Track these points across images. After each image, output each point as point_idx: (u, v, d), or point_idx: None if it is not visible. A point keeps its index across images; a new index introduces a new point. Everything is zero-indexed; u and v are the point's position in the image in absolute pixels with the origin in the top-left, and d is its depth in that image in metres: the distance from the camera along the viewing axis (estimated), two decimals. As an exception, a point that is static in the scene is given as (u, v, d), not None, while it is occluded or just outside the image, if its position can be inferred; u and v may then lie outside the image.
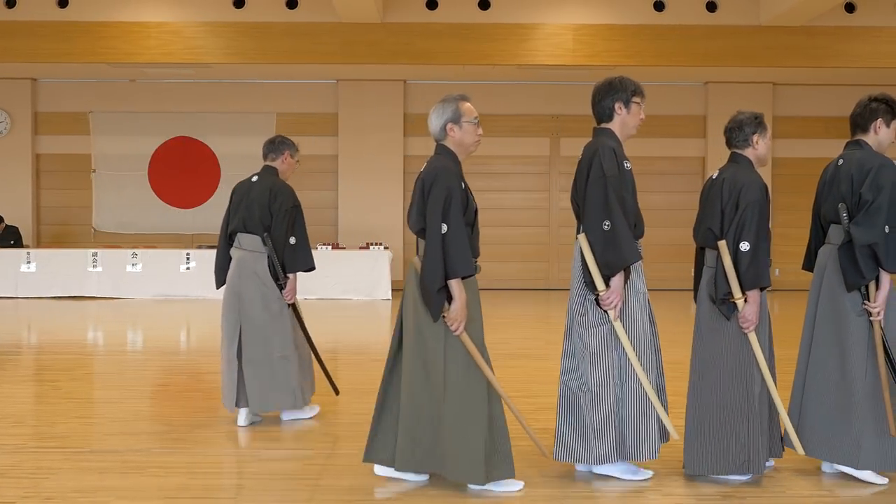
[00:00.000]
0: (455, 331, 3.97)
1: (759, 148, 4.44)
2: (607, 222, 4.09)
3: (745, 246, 4.15)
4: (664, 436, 4.29)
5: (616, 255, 4.07)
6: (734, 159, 4.47)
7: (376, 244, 13.54)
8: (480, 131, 4.24)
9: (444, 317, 3.98)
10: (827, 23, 13.10)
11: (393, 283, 13.62)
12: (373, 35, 12.95)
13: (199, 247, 13.65)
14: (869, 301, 4.17)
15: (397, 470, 4.18)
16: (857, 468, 4.23)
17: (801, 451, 4.32)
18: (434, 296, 3.93)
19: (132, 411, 5.89)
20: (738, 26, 13.14)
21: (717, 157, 14.71)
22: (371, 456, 4.27)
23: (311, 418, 5.63)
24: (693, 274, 4.59)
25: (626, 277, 4.17)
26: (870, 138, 4.39)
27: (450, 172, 4.04)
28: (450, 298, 3.97)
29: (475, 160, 14.84)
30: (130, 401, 6.23)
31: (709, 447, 4.22)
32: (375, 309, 12.23)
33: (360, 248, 13.61)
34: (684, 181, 15.01)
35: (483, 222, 15.66)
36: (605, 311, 4.16)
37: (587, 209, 4.16)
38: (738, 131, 4.45)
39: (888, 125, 4.37)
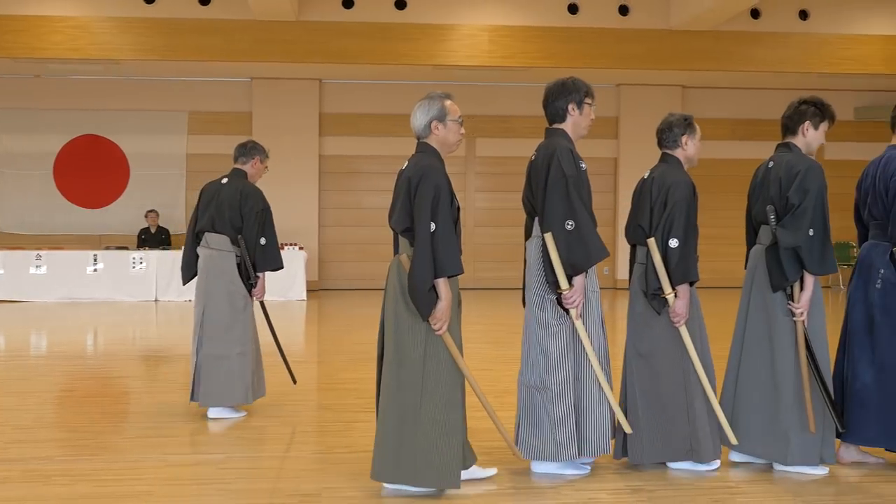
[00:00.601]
0: (438, 330, 3.94)
1: (688, 148, 4.58)
2: (570, 222, 4.13)
3: (673, 242, 4.26)
4: (614, 431, 4.35)
5: (582, 255, 4.11)
6: (664, 159, 4.58)
7: (291, 245, 13.37)
8: (463, 131, 4.21)
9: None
10: (734, 28, 13.49)
11: (308, 283, 13.48)
12: (287, 33, 12.79)
13: (108, 248, 13.27)
14: (793, 302, 4.28)
15: (373, 479, 4.04)
16: (785, 464, 4.33)
17: (733, 441, 4.40)
18: (424, 295, 3.88)
19: (35, 418, 5.67)
20: (650, 30, 13.41)
21: (630, 157, 15.02)
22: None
23: (234, 419, 5.56)
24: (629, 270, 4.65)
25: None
26: (798, 140, 4.50)
27: (437, 171, 4.00)
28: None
29: (390, 160, 14.83)
30: (33, 407, 6.00)
31: (651, 436, 4.30)
32: (290, 310, 12.08)
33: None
34: (597, 182, 15.16)
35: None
36: (565, 310, 4.20)
37: (549, 210, 4.17)
38: (668, 132, 4.56)
39: (816, 127, 4.49)
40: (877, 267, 4.43)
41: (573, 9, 13.35)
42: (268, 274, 5.77)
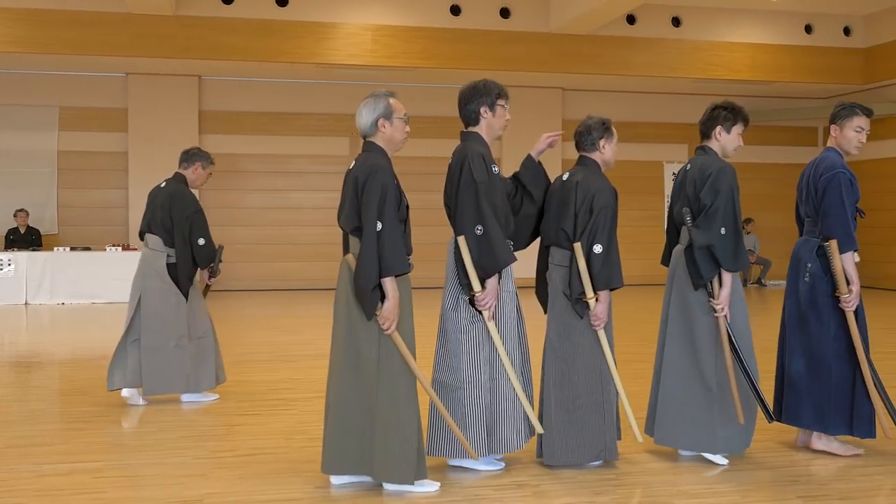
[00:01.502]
0: (387, 330, 3.93)
1: (606, 152, 4.65)
2: (479, 227, 4.17)
3: (598, 248, 4.35)
4: (530, 430, 4.39)
5: (490, 259, 4.15)
6: (583, 162, 4.66)
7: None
8: (408, 128, 4.20)
9: (376, 315, 3.93)
10: (611, 33, 13.87)
11: (189, 285, 13.14)
12: (165, 28, 12.44)
13: (-29, 249, 12.62)
14: (713, 299, 4.44)
15: (323, 471, 4.10)
16: (714, 453, 4.49)
17: (639, 438, 4.56)
18: (369, 294, 3.88)
19: None
20: (530, 32, 13.66)
21: (512, 158, 15.22)
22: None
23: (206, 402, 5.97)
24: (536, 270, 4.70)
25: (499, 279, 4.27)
26: (713, 144, 4.69)
27: (384, 170, 3.96)
28: (383, 297, 3.92)
29: (274, 159, 14.64)
30: None
31: (567, 439, 4.35)
32: (170, 312, 11.74)
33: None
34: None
35: (283, 222, 15.44)
36: (479, 311, 4.24)
37: (460, 215, 4.23)
38: (587, 135, 4.64)
39: (728, 131, 4.67)
40: (805, 261, 4.69)
41: (455, 10, 13.47)
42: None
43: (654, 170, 16.07)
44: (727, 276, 4.43)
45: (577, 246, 4.35)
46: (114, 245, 12.88)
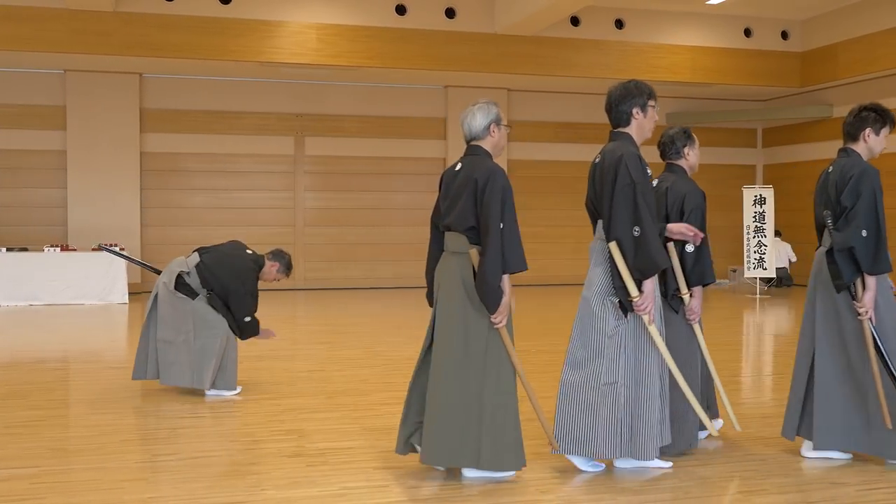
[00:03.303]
0: (498, 324, 4.10)
1: (690, 158, 4.94)
2: (637, 228, 4.16)
3: (689, 247, 4.66)
4: (665, 436, 4.38)
5: (648, 261, 4.14)
6: (671, 169, 4.94)
7: (110, 245, 12.76)
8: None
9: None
10: (555, 34, 13.99)
11: (130, 286, 12.93)
12: (104, 24, 12.21)
13: None
14: (857, 301, 4.42)
15: (423, 462, 4.24)
16: (892, 458, 4.45)
17: (737, 427, 4.87)
18: (495, 290, 4.04)
19: None
20: (475, 33, 13.70)
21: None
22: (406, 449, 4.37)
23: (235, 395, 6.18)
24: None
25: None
26: (859, 147, 4.63)
27: (502, 172, 4.17)
28: None
29: (217, 158, 14.47)
30: None
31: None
32: (111, 314, 11.55)
33: (93, 249, 12.78)
34: (425, 181, 15.42)
35: (227, 222, 15.23)
36: (624, 312, 4.24)
37: (616, 216, 4.18)
38: (671, 145, 4.94)
39: (877, 133, 4.62)
40: None
41: (401, 10, 13.46)
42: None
43: (597, 170, 16.19)
44: (870, 280, 4.38)
45: (671, 245, 4.62)
46: (52, 246, 12.61)
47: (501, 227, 4.06)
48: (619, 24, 14.41)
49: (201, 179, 14.50)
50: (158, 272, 6.51)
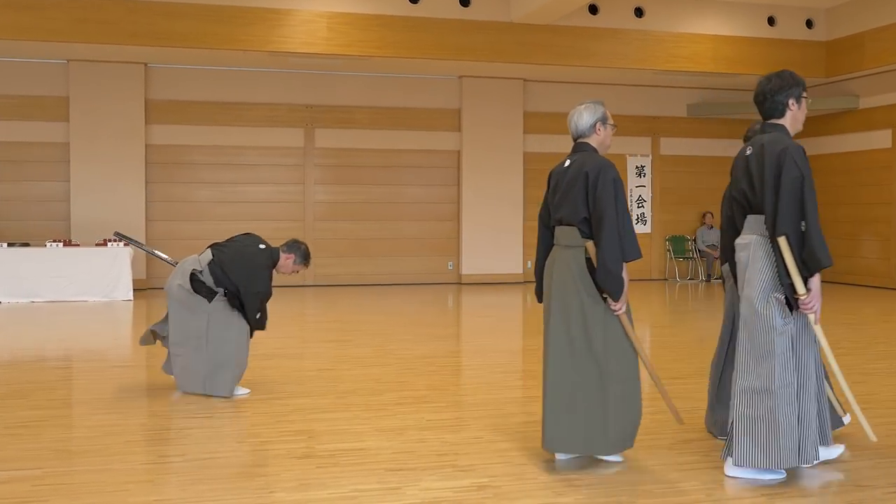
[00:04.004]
0: (618, 310, 4.36)
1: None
2: (803, 223, 4.11)
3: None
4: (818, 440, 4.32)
5: (813, 257, 4.09)
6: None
7: (115, 240, 12.78)
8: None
9: (604, 298, 4.37)
10: (572, 23, 13.92)
11: (135, 282, 12.94)
12: (108, 12, 12.22)
13: None
14: None
15: (545, 448, 4.50)
16: None
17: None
18: (618, 278, 4.29)
19: None
20: (491, 22, 13.64)
21: (472, 150, 15.24)
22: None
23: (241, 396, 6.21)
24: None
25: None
26: None
27: (612, 166, 4.42)
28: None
29: (224, 151, 14.47)
30: None
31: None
32: (115, 311, 11.56)
33: (97, 244, 12.81)
34: (439, 174, 15.39)
35: (235, 216, 15.20)
36: (790, 309, 4.19)
37: (783, 210, 4.11)
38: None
39: None
40: None
41: (414, -2, 13.41)
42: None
43: (617, 163, 15.76)
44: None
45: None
46: (54, 241, 12.63)
47: (616, 217, 4.32)
48: (639, 12, 14.32)
49: (208, 173, 14.50)
50: (174, 264, 6.50)
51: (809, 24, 15.10)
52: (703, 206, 16.54)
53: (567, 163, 4.55)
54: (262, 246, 6.31)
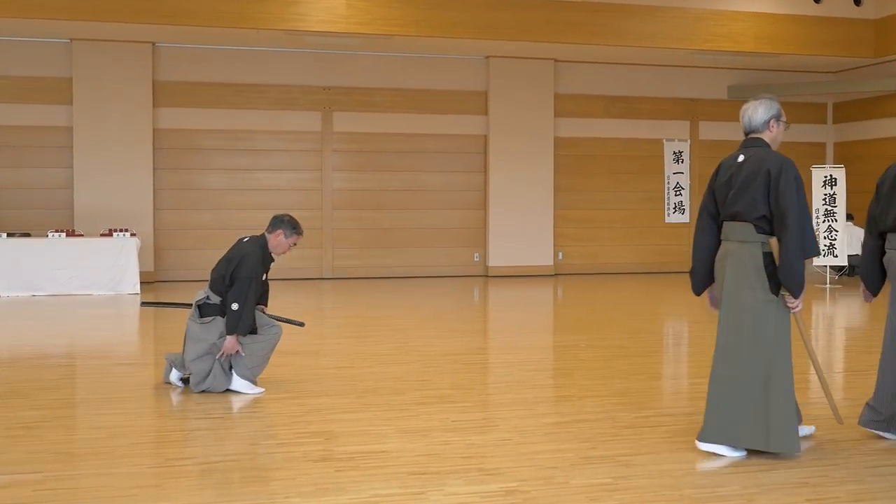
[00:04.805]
0: (795, 308, 4.67)
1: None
2: None
3: None
4: None
5: None
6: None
7: (121, 231, 12.83)
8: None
9: (782, 295, 4.65)
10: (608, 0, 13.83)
11: (142, 274, 12.99)
12: (113, -11, 12.24)
13: None
14: None
15: (701, 440, 4.77)
16: None
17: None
18: (800, 275, 4.57)
19: None
20: (520, -2, 13.57)
21: (501, 135, 15.17)
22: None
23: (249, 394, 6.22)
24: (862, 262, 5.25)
25: None
26: None
27: (793, 162, 4.68)
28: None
29: (237, 136, 14.48)
30: None
31: None
32: (121, 305, 11.61)
33: (102, 234, 12.86)
34: (466, 161, 15.33)
35: (248, 205, 15.19)
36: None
37: None
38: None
39: None
40: None
41: (438, -28, 13.34)
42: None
43: (653, 148, 16.03)
44: None
45: None
46: (57, 231, 12.69)
47: (799, 213, 4.58)
48: (679, -14, 14.19)
49: (220, 159, 14.52)
50: (189, 306, 6.58)
51: (857, 0, 14.92)
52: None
53: (741, 157, 4.79)
54: (245, 239, 6.44)
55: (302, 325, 6.89)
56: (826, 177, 13.95)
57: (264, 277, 6.41)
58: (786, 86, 16.16)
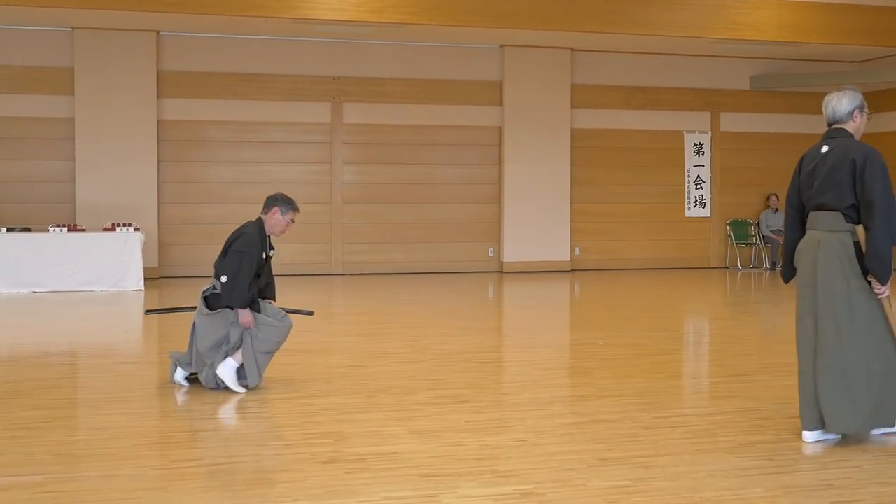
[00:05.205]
0: (882, 294, 4.87)
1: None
2: None
3: None
4: None
5: None
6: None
7: (124, 225, 12.85)
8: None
9: (868, 281, 4.86)
10: (626, -14, 13.77)
11: (146, 270, 13.01)
12: (115, -25, 12.26)
13: None
14: None
15: (806, 427, 5.00)
16: None
17: None
18: (886, 262, 4.78)
19: None
20: (535, -15, 13.52)
21: (516, 127, 15.13)
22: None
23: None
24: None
25: None
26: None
27: (879, 152, 4.95)
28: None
29: (244, 127, 14.49)
30: None
31: None
32: (124, 302, 11.63)
33: (105, 229, 12.89)
34: (480, 153, 15.30)
35: (255, 199, 15.17)
36: None
37: None
38: None
39: None
40: None
41: (451, -41, 13.31)
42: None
43: (673, 140, 15.97)
44: None
45: None
46: (58, 225, 12.72)
47: (885, 202, 4.79)
48: (700, -27, 14.12)
49: (226, 151, 14.54)
50: (193, 309, 6.63)
51: (887, -14, 14.83)
52: (767, 188, 16.33)
53: (825, 148, 5.03)
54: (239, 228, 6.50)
55: (311, 314, 6.98)
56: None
57: (267, 265, 6.49)
58: (809, 76, 16.07)
